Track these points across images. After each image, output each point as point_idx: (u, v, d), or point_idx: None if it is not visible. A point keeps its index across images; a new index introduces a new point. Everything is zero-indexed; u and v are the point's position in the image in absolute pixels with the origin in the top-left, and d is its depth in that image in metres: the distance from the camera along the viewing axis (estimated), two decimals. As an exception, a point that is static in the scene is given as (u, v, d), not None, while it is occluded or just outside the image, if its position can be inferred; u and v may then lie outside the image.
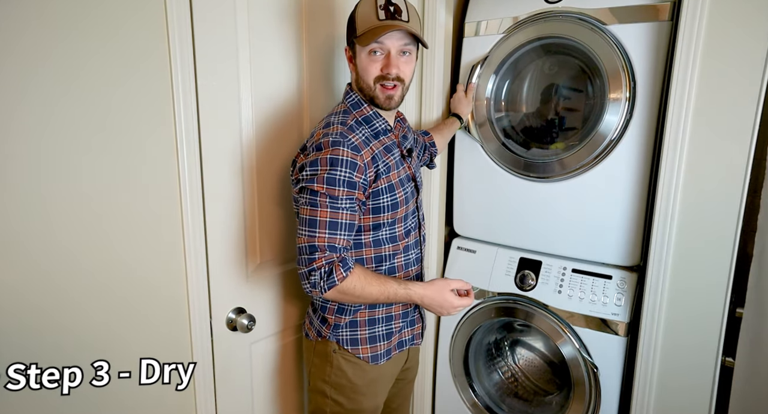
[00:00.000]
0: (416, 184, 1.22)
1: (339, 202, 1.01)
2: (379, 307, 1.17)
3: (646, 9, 1.28)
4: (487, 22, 1.57)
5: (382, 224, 1.12)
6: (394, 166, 1.13)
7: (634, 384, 1.35)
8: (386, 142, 1.14)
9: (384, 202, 1.10)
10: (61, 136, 0.88)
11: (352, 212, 1.03)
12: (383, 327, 1.18)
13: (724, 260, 1.19)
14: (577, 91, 1.53)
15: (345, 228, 1.03)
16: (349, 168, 1.01)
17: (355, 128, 1.08)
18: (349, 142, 1.03)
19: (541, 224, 1.54)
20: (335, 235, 1.02)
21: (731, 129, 1.15)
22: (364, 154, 1.04)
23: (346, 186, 1.01)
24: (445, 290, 1.10)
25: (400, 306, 1.19)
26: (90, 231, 0.94)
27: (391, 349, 1.20)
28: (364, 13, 1.06)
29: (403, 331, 1.23)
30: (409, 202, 1.17)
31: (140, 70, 0.98)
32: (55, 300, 0.91)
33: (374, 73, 1.07)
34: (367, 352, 1.17)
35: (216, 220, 1.15)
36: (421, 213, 1.27)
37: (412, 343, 1.27)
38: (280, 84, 1.27)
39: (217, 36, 1.11)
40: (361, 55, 1.08)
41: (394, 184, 1.11)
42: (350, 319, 1.16)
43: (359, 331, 1.16)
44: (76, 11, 0.88)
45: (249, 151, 1.21)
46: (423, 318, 1.29)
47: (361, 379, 1.17)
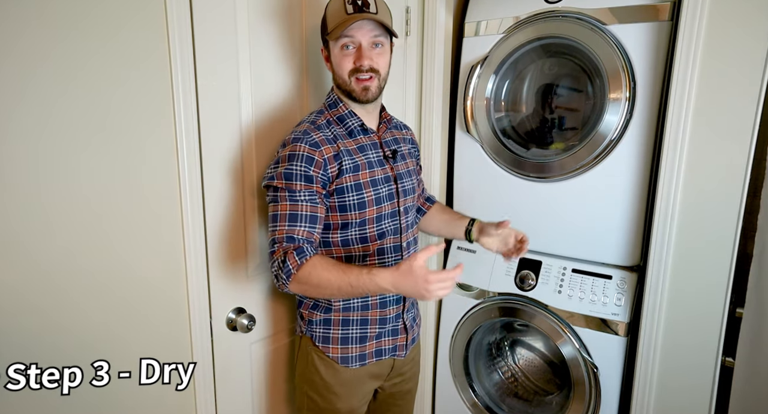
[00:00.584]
0: (398, 188, 1.17)
1: (297, 195, 1.03)
2: (354, 310, 1.15)
3: (646, 9, 1.28)
4: (487, 22, 1.57)
5: (350, 224, 1.11)
6: (365, 166, 1.11)
7: (634, 384, 1.35)
8: (362, 142, 1.14)
9: (350, 201, 1.09)
10: (61, 137, 0.88)
11: (312, 204, 1.04)
12: (357, 329, 1.16)
13: (724, 260, 1.19)
14: (577, 91, 1.53)
15: (305, 219, 1.03)
16: (305, 162, 1.03)
17: (324, 127, 1.10)
18: (309, 138, 1.05)
19: (541, 224, 1.54)
20: (294, 226, 1.02)
21: (731, 129, 1.15)
22: (325, 149, 1.05)
23: (303, 180, 1.03)
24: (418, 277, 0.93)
25: (377, 311, 1.17)
26: (90, 231, 0.94)
27: (365, 354, 1.17)
28: (334, 10, 1.08)
29: (383, 339, 1.19)
30: (383, 204, 1.14)
31: (140, 70, 0.98)
32: (55, 300, 0.91)
33: (348, 66, 1.08)
34: (338, 353, 1.16)
35: (216, 219, 1.15)
36: (407, 219, 1.21)
37: (393, 354, 1.22)
38: (280, 84, 1.27)
39: (217, 36, 1.11)
40: (334, 50, 1.09)
41: (362, 184, 1.10)
42: (323, 317, 1.16)
43: (332, 329, 1.16)
44: (75, 11, 0.88)
45: (249, 151, 1.21)
46: (408, 330, 1.24)
47: (333, 379, 1.16)
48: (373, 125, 1.19)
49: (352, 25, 1.04)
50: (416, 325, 1.30)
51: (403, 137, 1.29)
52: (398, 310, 1.20)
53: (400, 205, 1.19)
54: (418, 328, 1.32)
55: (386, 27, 1.08)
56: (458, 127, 1.67)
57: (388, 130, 1.24)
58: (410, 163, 1.26)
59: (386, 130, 1.22)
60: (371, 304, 1.16)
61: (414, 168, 1.28)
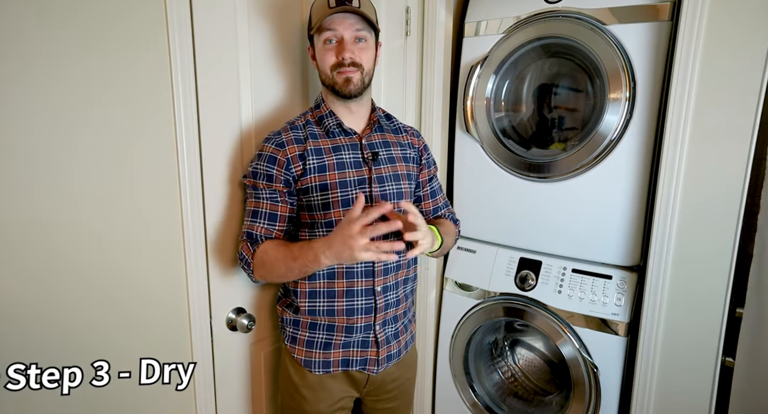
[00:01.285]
0: (372, 191, 1.12)
1: (260, 192, 1.10)
2: (320, 313, 1.13)
3: (646, 9, 1.28)
4: (487, 22, 1.57)
5: (317, 223, 1.12)
6: (333, 166, 1.10)
7: (634, 384, 1.35)
8: (340, 142, 1.13)
9: (315, 201, 1.10)
10: (59, 137, 0.88)
11: (273, 202, 1.10)
12: (323, 335, 1.15)
13: (724, 260, 1.19)
14: (577, 91, 1.53)
15: (264, 216, 1.10)
16: (267, 162, 1.09)
17: (300, 127, 1.13)
18: (278, 138, 1.10)
19: (541, 224, 1.54)
20: (255, 222, 1.10)
21: (731, 129, 1.15)
22: (289, 149, 1.09)
23: (265, 179, 1.09)
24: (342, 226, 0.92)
25: (344, 318, 1.13)
26: (89, 231, 0.94)
27: (330, 362, 1.15)
28: (317, 6, 1.09)
29: (351, 349, 1.16)
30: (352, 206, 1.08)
31: (140, 70, 0.98)
32: (55, 300, 0.91)
33: (330, 60, 1.08)
34: (302, 355, 1.16)
35: (216, 219, 1.15)
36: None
37: (362, 368, 1.17)
38: (280, 83, 1.27)
39: (217, 36, 1.11)
40: (318, 46, 1.10)
41: (328, 184, 1.10)
42: (293, 318, 1.18)
43: (300, 331, 1.17)
44: (75, 7, 0.88)
45: (249, 151, 1.21)
46: (380, 344, 1.17)
47: (300, 380, 1.17)
48: (357, 126, 1.16)
49: (334, 18, 1.05)
50: (398, 343, 1.22)
51: (400, 142, 1.22)
52: (368, 320, 1.14)
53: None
54: (403, 346, 1.24)
55: (369, 21, 1.07)
56: (458, 127, 1.67)
57: (376, 132, 1.19)
58: (402, 168, 1.19)
59: (372, 132, 1.18)
60: (337, 310, 1.13)
61: (403, 172, 1.19)
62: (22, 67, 0.83)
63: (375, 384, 1.22)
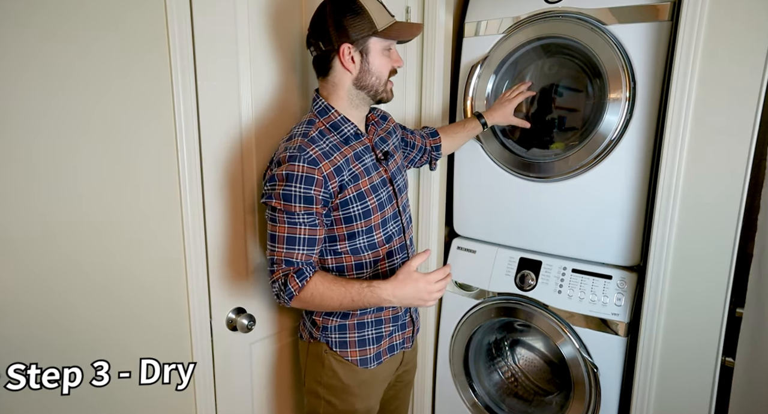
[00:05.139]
0: (394, 189, 1.18)
1: (296, 218, 1.01)
2: (369, 312, 1.16)
3: (646, 9, 1.28)
4: (487, 22, 1.57)
5: (356, 233, 1.10)
6: (363, 174, 1.10)
7: (634, 384, 1.35)
8: (357, 148, 1.11)
9: (355, 211, 1.08)
10: (59, 137, 0.88)
11: (311, 227, 1.03)
12: (373, 330, 1.17)
13: (724, 260, 1.19)
14: (577, 91, 1.53)
15: (303, 243, 1.03)
16: (304, 183, 1.00)
17: (318, 139, 1.06)
18: (306, 155, 1.01)
19: (541, 224, 1.54)
20: (293, 249, 1.02)
21: (731, 129, 1.15)
22: (323, 166, 1.02)
23: (303, 201, 1.00)
24: (418, 280, 1.01)
25: (390, 310, 1.18)
26: (89, 231, 0.94)
27: (381, 352, 1.19)
28: (374, 8, 1.05)
29: (394, 335, 1.22)
30: (386, 208, 1.14)
31: (140, 70, 0.98)
32: (55, 300, 0.91)
33: (389, 67, 1.10)
34: (356, 356, 1.16)
35: (216, 219, 1.15)
36: (406, 216, 1.23)
37: (403, 347, 1.25)
38: (280, 83, 1.27)
39: (218, 36, 1.11)
40: (376, 49, 1.07)
41: (364, 192, 1.09)
42: (339, 323, 1.16)
43: (348, 334, 1.16)
44: (75, 6, 0.88)
45: (249, 151, 1.21)
46: (414, 321, 1.28)
47: (352, 380, 1.17)
48: (362, 128, 1.17)
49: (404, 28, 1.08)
50: (418, 315, 1.33)
51: (388, 131, 1.26)
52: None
53: (399, 204, 1.19)
54: (420, 319, 1.35)
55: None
56: (458, 127, 1.67)
57: (378, 130, 1.22)
58: (399, 157, 1.25)
59: (375, 131, 1.21)
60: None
61: (402, 163, 1.27)
62: (23, 68, 0.83)
63: (404, 360, 1.29)
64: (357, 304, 1.03)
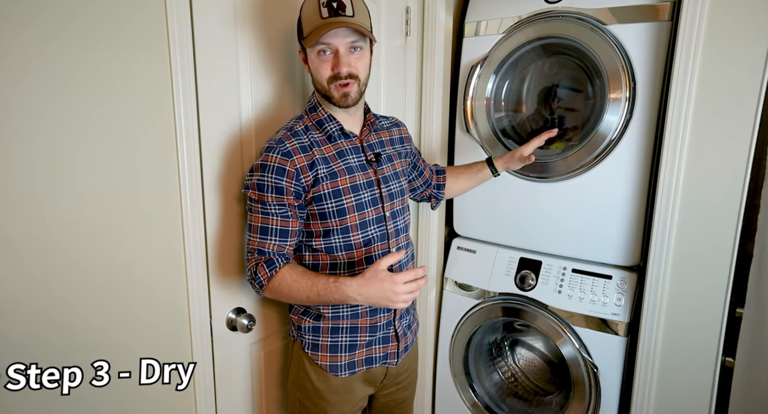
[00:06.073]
0: (381, 192, 1.14)
1: (268, 208, 1.04)
2: (343, 318, 1.14)
3: (646, 9, 1.28)
4: (487, 22, 1.57)
5: (332, 231, 1.09)
6: (344, 172, 1.09)
7: (634, 384, 1.35)
8: (343, 147, 1.11)
9: (329, 208, 1.08)
10: (59, 137, 0.88)
11: (283, 218, 1.05)
12: (347, 337, 1.15)
13: (724, 260, 1.19)
14: (577, 91, 1.53)
15: (275, 233, 1.05)
16: (276, 173, 1.02)
17: (301, 133, 1.08)
18: (282, 147, 1.03)
19: (541, 224, 1.54)
20: (265, 239, 1.06)
21: (731, 129, 1.15)
22: (297, 159, 1.03)
23: (275, 192, 1.03)
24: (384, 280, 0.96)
25: (367, 319, 1.15)
26: (89, 231, 0.94)
27: (355, 362, 1.16)
28: (308, 12, 1.03)
29: (373, 347, 1.17)
30: (366, 210, 1.11)
31: (141, 71, 0.98)
32: (55, 299, 0.91)
33: (326, 73, 1.05)
34: (326, 361, 1.15)
35: (216, 220, 1.15)
36: (395, 223, 1.17)
37: (384, 362, 1.20)
38: (280, 83, 1.27)
39: (218, 37, 1.11)
40: (311, 56, 1.06)
41: (341, 190, 1.08)
42: (313, 325, 1.15)
43: (321, 337, 1.15)
44: (75, 7, 0.88)
45: (249, 151, 1.21)
46: (400, 338, 1.21)
47: (323, 385, 1.15)
48: (355, 128, 1.16)
49: (328, 32, 0.99)
50: (411, 333, 1.27)
51: (391, 138, 1.24)
52: (389, 317, 1.17)
53: (386, 210, 1.15)
54: (413, 335, 1.29)
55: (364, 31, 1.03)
56: (458, 127, 1.67)
57: (373, 133, 1.20)
58: (399, 165, 1.22)
59: (370, 133, 1.18)
60: (361, 313, 1.14)
61: (404, 169, 1.25)
62: (23, 68, 0.83)
63: (390, 376, 1.24)
64: (323, 299, 1.01)
